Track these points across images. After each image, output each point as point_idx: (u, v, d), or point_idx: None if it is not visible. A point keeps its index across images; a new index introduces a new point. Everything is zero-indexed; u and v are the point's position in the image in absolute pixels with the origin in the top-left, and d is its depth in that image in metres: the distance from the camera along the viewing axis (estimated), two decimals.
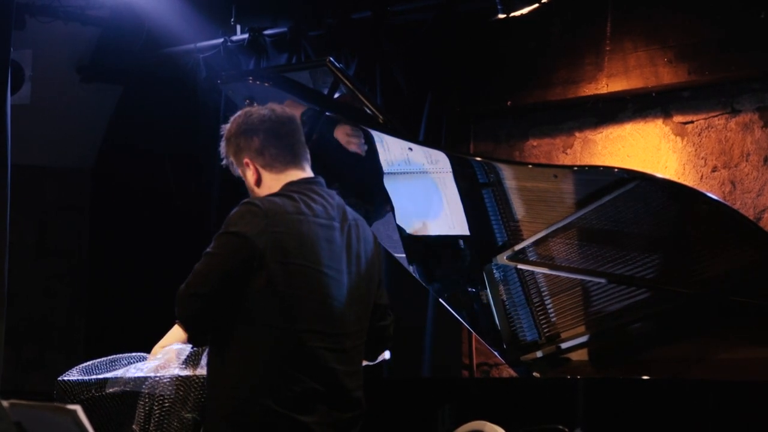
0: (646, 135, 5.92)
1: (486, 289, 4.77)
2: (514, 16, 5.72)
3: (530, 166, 4.98)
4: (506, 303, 4.78)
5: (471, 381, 5.93)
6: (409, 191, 4.81)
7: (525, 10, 5.69)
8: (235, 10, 7.08)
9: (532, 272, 4.69)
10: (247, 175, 3.87)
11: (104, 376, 3.97)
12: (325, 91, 4.87)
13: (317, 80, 5.52)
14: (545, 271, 4.65)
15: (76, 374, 4.00)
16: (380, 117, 4.75)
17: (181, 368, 3.84)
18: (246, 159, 3.85)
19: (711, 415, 4.01)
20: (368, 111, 4.79)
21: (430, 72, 6.39)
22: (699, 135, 5.77)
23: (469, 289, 4.86)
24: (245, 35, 6.98)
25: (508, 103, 6.32)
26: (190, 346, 3.85)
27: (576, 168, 4.71)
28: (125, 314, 7.54)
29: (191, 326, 3.75)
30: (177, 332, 3.81)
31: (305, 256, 3.68)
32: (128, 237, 7.81)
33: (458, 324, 5.55)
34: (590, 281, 4.56)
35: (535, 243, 4.59)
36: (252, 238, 3.63)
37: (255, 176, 3.85)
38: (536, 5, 5.67)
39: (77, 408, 2.70)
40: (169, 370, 3.84)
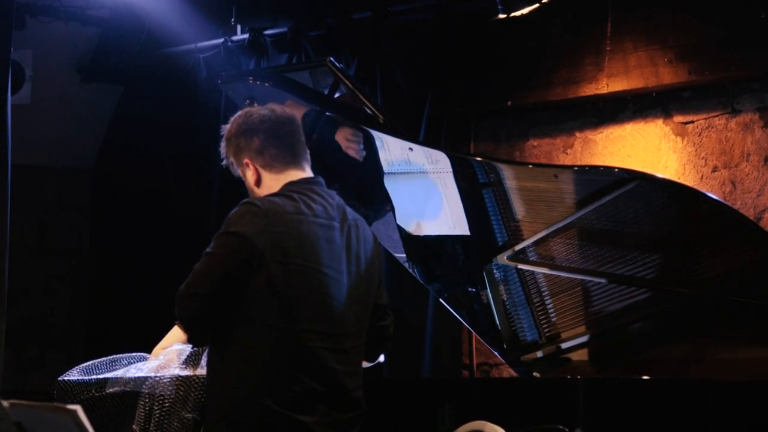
0: (647, 135, 5.91)
1: (486, 289, 4.77)
2: (514, 16, 5.71)
3: (530, 166, 4.98)
4: (506, 303, 4.77)
5: (471, 381, 5.92)
6: (410, 191, 4.81)
7: (525, 10, 5.68)
8: (236, 10, 7.08)
9: (533, 272, 4.68)
10: (247, 175, 3.87)
11: (104, 376, 3.96)
12: (325, 91, 4.87)
13: (317, 80, 5.51)
14: (545, 271, 4.64)
15: (76, 374, 3.99)
16: (380, 117, 4.75)
17: (181, 368, 3.84)
18: (246, 159, 3.85)
19: (711, 415, 4.01)
20: (368, 111, 4.79)
21: (430, 72, 6.38)
22: (699, 135, 5.77)
23: (470, 289, 4.85)
24: (245, 35, 6.98)
25: (509, 103, 6.32)
26: (190, 347, 3.85)
27: (576, 168, 4.71)
28: (125, 314, 7.53)
29: (191, 326, 3.75)
30: (177, 333, 3.81)
31: (305, 256, 3.68)
32: (128, 237, 7.80)
33: (458, 324, 5.55)
34: (590, 281, 4.56)
35: (536, 243, 4.59)
36: (252, 238, 3.63)
37: (255, 176, 3.85)
38: (536, 5, 5.67)
39: (77, 408, 2.70)
40: (169, 370, 3.84)
